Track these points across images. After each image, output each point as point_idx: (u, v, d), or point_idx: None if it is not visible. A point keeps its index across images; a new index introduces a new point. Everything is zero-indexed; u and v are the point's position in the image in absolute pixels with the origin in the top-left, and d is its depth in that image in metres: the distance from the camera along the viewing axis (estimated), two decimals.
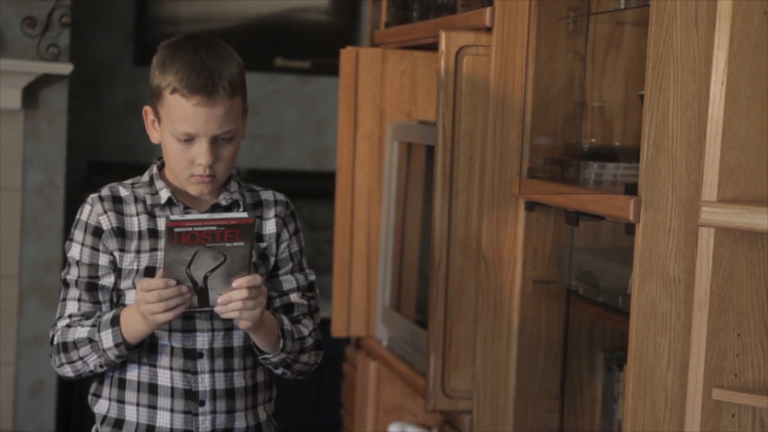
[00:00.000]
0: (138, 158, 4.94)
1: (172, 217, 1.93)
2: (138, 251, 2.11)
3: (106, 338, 2.05)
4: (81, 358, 2.09)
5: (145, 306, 1.97)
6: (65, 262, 2.17)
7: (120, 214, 2.13)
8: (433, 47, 2.89)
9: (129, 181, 2.18)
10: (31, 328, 4.33)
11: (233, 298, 1.97)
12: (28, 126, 4.25)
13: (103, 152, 4.91)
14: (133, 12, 4.91)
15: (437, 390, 2.75)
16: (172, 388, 2.10)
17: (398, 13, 3.33)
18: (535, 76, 2.56)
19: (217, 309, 1.98)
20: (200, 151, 2.06)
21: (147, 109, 2.14)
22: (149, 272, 2.09)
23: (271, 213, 2.21)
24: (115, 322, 2.05)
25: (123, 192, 2.15)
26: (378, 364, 3.30)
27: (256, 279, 1.98)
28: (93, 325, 2.07)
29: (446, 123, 2.70)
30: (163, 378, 2.11)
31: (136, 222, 2.13)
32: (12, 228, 4.26)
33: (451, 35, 2.68)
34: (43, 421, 4.35)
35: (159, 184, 2.14)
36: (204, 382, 2.11)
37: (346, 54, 3.36)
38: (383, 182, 3.37)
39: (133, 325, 2.03)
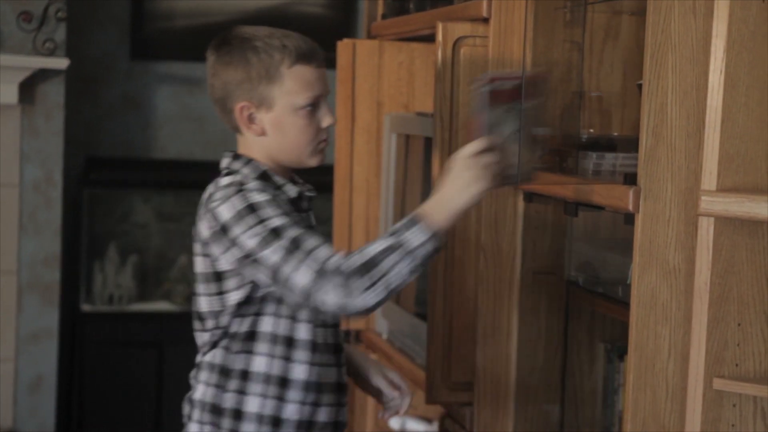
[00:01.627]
0: (135, 153, 4.93)
1: (491, 74, 1.92)
2: None
3: (414, 237, 1.96)
4: (392, 267, 1.95)
5: (483, 168, 1.95)
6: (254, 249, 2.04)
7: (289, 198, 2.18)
8: (431, 39, 2.88)
9: (231, 180, 2.16)
10: (30, 324, 4.32)
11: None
12: (24, 121, 4.24)
13: (100, 147, 4.90)
14: (129, 6, 4.90)
15: (437, 382, 2.75)
16: (338, 383, 2.19)
17: (395, 5, 3.32)
18: (532, 66, 2.55)
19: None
20: (325, 111, 2.16)
21: (241, 106, 2.16)
22: None
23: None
24: (416, 219, 1.98)
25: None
26: (378, 356, 3.29)
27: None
28: (388, 236, 1.97)
29: (444, 114, 2.69)
30: (333, 375, 2.16)
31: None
32: (10, 224, 4.25)
33: (448, 26, 2.67)
34: (43, 418, 4.35)
35: (279, 179, 2.17)
36: (344, 374, 2.22)
37: (343, 46, 3.35)
38: (381, 175, 3.37)
39: (447, 203, 1.97)
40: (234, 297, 2.14)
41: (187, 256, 4.89)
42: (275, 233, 2.02)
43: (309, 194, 2.24)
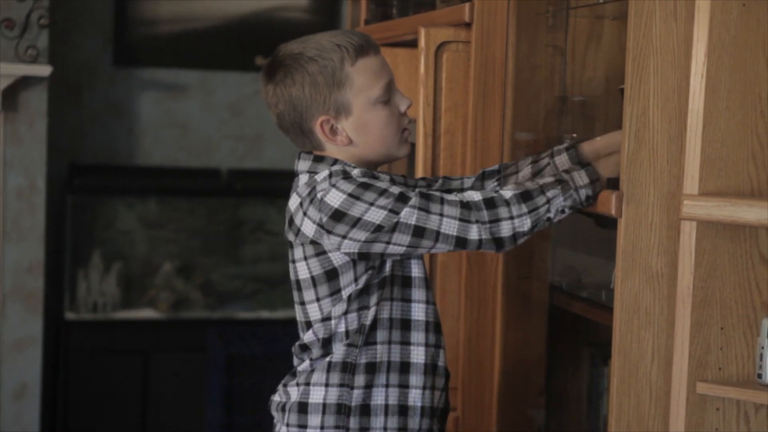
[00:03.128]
0: (119, 160, 4.92)
1: None
2: None
3: (579, 177, 2.05)
4: (548, 201, 2.01)
5: None
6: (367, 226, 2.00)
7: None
8: (413, 44, 2.88)
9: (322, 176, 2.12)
10: (14, 332, 4.30)
11: None
12: (7, 129, 4.23)
13: (84, 154, 4.89)
14: (112, 13, 4.89)
15: None
16: (444, 366, 2.14)
17: (378, 10, 3.32)
18: (515, 71, 2.55)
19: None
20: (400, 96, 2.11)
21: (319, 122, 2.07)
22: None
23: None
24: (583, 164, 2.09)
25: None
26: None
27: None
28: (553, 174, 2.07)
29: (427, 120, 2.69)
30: (442, 357, 2.13)
31: None
32: None
33: (430, 31, 2.67)
34: (27, 426, 4.33)
35: (380, 175, 2.11)
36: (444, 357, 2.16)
37: None
38: None
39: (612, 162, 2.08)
40: (349, 291, 2.06)
41: (171, 263, 4.88)
42: (400, 198, 2.00)
43: None
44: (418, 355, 2.09)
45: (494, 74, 2.61)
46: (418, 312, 2.10)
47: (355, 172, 2.06)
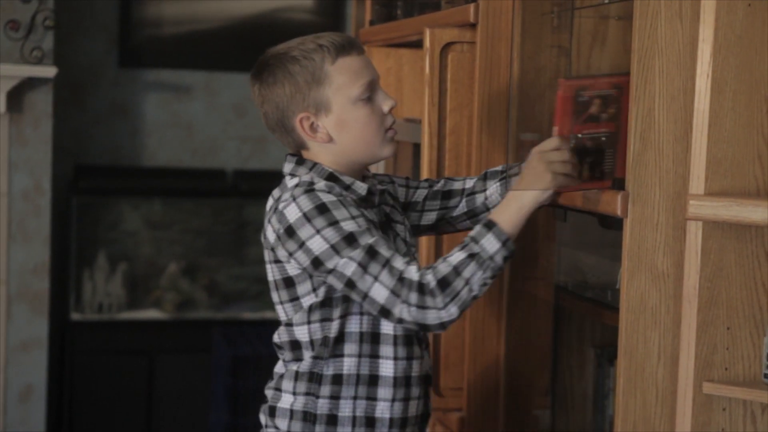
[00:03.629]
0: (124, 161, 4.92)
1: (565, 78, 1.92)
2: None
3: (488, 244, 1.97)
4: (466, 283, 1.96)
5: (548, 164, 1.96)
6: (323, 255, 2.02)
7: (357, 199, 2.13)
8: (418, 44, 2.88)
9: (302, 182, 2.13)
10: (20, 333, 4.31)
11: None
12: (13, 130, 4.23)
13: (89, 155, 4.89)
14: (116, 14, 4.89)
15: None
16: (422, 376, 2.15)
17: (382, 11, 3.32)
18: (520, 71, 2.55)
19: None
20: (382, 96, 2.12)
21: (300, 119, 2.11)
22: None
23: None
24: (490, 224, 1.99)
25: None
26: None
27: None
28: (464, 246, 1.99)
29: (432, 120, 2.69)
30: (416, 368, 2.13)
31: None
32: None
33: (435, 32, 2.67)
34: (32, 427, 4.34)
35: (346, 179, 2.12)
36: (429, 365, 2.19)
37: None
38: None
39: (514, 209, 2.00)
40: (308, 301, 2.09)
41: (176, 263, 4.88)
42: (348, 240, 1.99)
43: (380, 187, 2.20)
44: (386, 368, 2.09)
45: (499, 75, 2.61)
46: (387, 325, 2.10)
47: (320, 185, 2.07)
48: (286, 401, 2.13)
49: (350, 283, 2.00)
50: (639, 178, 2.04)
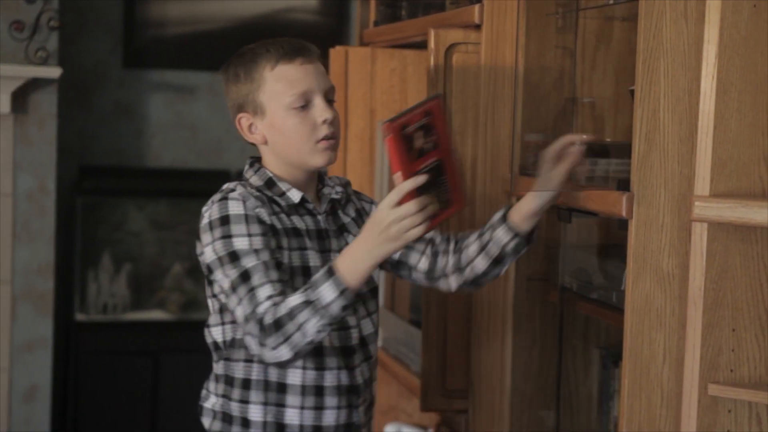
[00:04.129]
0: (129, 162, 4.92)
1: (386, 120, 1.88)
2: (288, 249, 2.10)
3: (326, 292, 1.94)
4: (299, 328, 1.95)
5: (399, 224, 1.89)
6: (214, 265, 2.08)
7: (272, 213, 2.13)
8: (423, 45, 2.88)
9: (240, 186, 2.15)
10: (24, 333, 4.31)
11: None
12: (17, 130, 4.23)
13: (93, 156, 4.89)
14: (121, 14, 4.89)
15: (432, 390, 2.74)
16: (338, 387, 2.14)
17: (387, 12, 3.32)
18: (524, 72, 2.54)
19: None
20: (319, 107, 2.12)
21: (239, 118, 2.17)
22: (306, 272, 2.10)
23: (347, 192, 2.26)
24: (331, 271, 1.96)
25: (253, 193, 2.13)
26: None
27: None
28: (305, 290, 1.97)
29: None
30: (331, 378, 2.12)
31: (277, 220, 2.12)
32: (4, 233, 4.24)
33: (440, 33, 2.67)
34: (37, 428, 4.34)
35: (284, 185, 2.15)
36: (361, 375, 2.17)
37: (336, 53, 3.35)
38: (375, 182, 3.36)
39: (359, 261, 1.94)
40: (217, 302, 2.17)
41: (181, 264, 4.88)
42: (231, 257, 2.04)
43: (334, 197, 2.21)
44: (295, 377, 2.11)
45: (504, 76, 2.61)
46: (325, 341, 2.12)
47: (235, 194, 2.10)
48: (209, 401, 2.20)
49: (225, 294, 2.07)
50: (644, 180, 2.04)
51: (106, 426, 4.65)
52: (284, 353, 1.98)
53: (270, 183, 2.16)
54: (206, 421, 2.20)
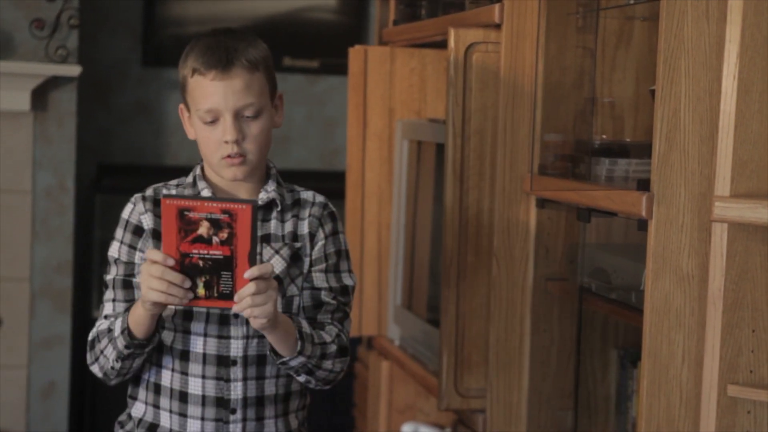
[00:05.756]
0: (148, 160, 4.94)
1: (165, 194, 1.92)
2: None
3: (118, 325, 2.03)
4: (102, 352, 2.06)
5: (145, 277, 1.92)
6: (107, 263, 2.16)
7: (159, 217, 2.07)
8: (442, 45, 2.88)
9: (174, 182, 2.17)
10: (43, 330, 4.32)
11: (243, 295, 1.91)
12: (37, 128, 4.25)
13: (112, 154, 4.91)
14: (141, 13, 4.90)
15: (450, 389, 2.74)
16: (204, 396, 2.09)
17: (406, 11, 3.32)
18: (544, 72, 2.54)
19: (235, 308, 1.93)
20: (225, 127, 2.05)
21: (181, 106, 2.15)
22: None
23: (307, 213, 2.15)
24: (127, 309, 2.04)
25: (165, 193, 2.13)
26: (390, 363, 3.29)
27: (266, 268, 1.92)
28: (115, 317, 2.06)
29: (456, 120, 2.69)
30: (195, 386, 2.09)
31: None
32: (22, 231, 4.26)
33: (460, 32, 2.67)
34: (55, 424, 4.35)
35: (201, 184, 2.13)
36: (237, 390, 2.09)
37: (355, 53, 3.35)
38: (393, 181, 3.36)
39: (136, 311, 1.99)
40: None
41: None
42: (109, 263, 2.14)
43: (260, 203, 2.11)
44: (195, 386, 2.10)
45: (524, 75, 2.61)
46: (170, 339, 2.10)
47: (134, 197, 2.15)
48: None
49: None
50: (664, 179, 2.03)
51: None
52: (96, 371, 2.11)
53: (194, 181, 2.15)
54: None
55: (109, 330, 2.05)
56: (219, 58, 2.04)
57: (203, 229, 1.90)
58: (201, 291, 1.93)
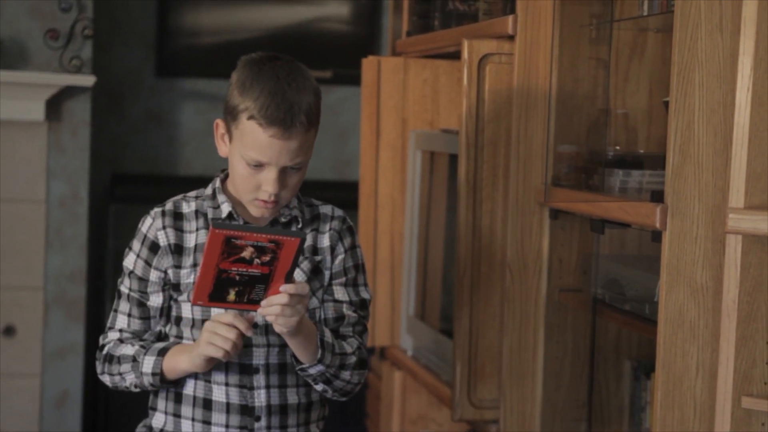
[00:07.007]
0: (161, 170, 4.95)
1: (215, 222, 1.92)
2: (194, 265, 2.09)
3: (148, 364, 2.07)
4: (120, 374, 2.12)
5: (208, 333, 1.97)
6: (121, 271, 2.18)
7: (179, 230, 2.11)
8: (456, 56, 2.89)
9: (193, 194, 2.16)
10: (56, 339, 4.34)
11: (273, 302, 1.94)
12: (51, 138, 4.27)
13: (126, 164, 4.92)
14: (154, 23, 4.92)
15: (463, 400, 2.74)
16: (228, 404, 2.10)
17: (420, 22, 3.33)
18: (558, 83, 2.55)
19: (261, 310, 1.96)
20: (268, 180, 2.04)
21: (219, 122, 2.11)
22: None
23: (327, 227, 2.17)
24: (162, 352, 2.07)
25: (185, 208, 2.13)
26: (403, 373, 3.29)
27: (303, 288, 1.96)
28: (142, 347, 2.09)
29: (470, 131, 2.69)
30: (218, 394, 2.10)
31: (194, 237, 2.11)
32: (36, 240, 4.27)
33: (473, 43, 2.68)
34: None
35: (221, 198, 2.13)
36: (260, 398, 2.10)
37: (368, 63, 3.36)
38: (406, 191, 3.37)
39: (177, 360, 2.05)
40: None
41: None
42: (124, 273, 2.16)
43: (283, 220, 2.13)
44: (219, 394, 2.11)
45: (537, 86, 2.61)
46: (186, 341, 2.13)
47: (153, 211, 2.14)
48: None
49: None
50: (678, 191, 2.03)
51: None
52: (106, 381, 2.16)
53: (213, 194, 2.14)
54: None
55: (134, 360, 2.08)
56: (283, 117, 2.00)
57: (247, 253, 1.92)
58: (231, 296, 1.95)
